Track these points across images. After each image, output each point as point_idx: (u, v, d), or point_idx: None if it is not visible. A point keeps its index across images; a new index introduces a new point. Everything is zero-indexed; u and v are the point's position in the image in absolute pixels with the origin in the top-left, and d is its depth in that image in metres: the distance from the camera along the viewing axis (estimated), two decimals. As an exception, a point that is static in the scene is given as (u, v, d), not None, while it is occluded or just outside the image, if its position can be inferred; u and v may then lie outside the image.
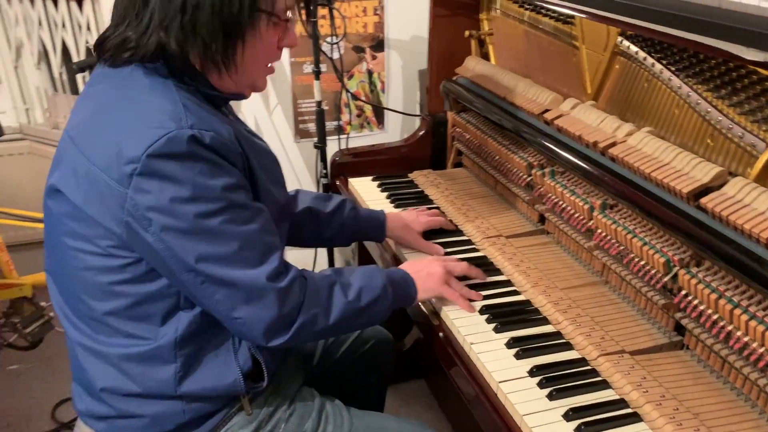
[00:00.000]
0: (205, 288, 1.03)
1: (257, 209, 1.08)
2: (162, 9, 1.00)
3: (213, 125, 1.02)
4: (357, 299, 1.17)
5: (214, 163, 1.01)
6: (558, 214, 1.50)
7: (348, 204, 1.50)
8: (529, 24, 1.71)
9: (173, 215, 0.98)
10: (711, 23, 0.85)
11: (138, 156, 0.96)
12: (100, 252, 1.05)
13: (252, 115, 2.32)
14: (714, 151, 1.20)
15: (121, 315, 1.08)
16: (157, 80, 1.04)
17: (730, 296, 1.05)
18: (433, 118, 2.04)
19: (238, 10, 1.01)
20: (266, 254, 1.06)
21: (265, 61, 1.13)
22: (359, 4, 2.28)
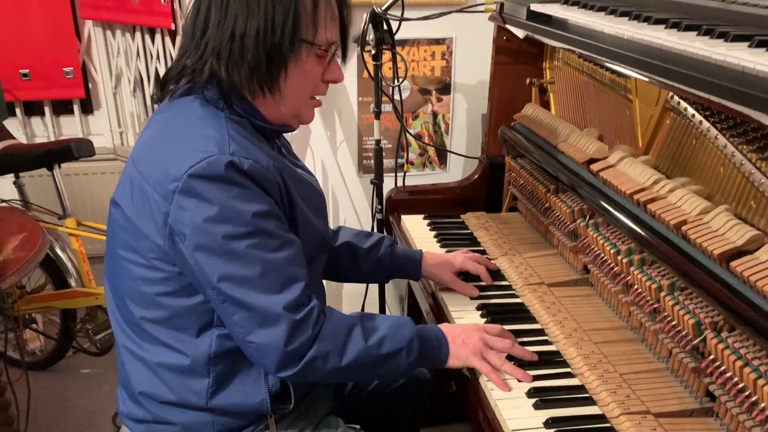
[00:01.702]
0: (225, 307, 1.09)
1: (287, 240, 1.12)
2: (215, 38, 1.12)
3: (254, 154, 1.10)
4: (377, 346, 1.17)
5: (249, 189, 1.08)
6: (599, 266, 1.49)
7: (386, 241, 1.54)
8: (588, 75, 1.72)
9: (204, 233, 1.06)
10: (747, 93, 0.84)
11: (180, 175, 1.05)
12: (146, 264, 1.14)
13: (319, 149, 2.42)
14: (757, 213, 1.16)
15: (159, 323, 1.17)
16: (211, 111, 1.14)
17: (757, 365, 1.01)
18: (490, 162, 2.07)
19: (280, 38, 1.11)
20: (287, 284, 1.10)
21: (309, 91, 1.20)
22: (428, 49, 2.35)
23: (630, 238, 1.37)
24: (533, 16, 1.52)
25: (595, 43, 1.23)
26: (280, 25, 1.10)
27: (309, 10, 1.13)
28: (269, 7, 1.10)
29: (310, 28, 1.13)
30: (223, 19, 1.11)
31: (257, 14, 1.10)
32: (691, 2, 1.24)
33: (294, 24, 1.11)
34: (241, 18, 1.10)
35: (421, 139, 2.45)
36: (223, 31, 1.11)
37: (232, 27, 1.10)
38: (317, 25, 1.14)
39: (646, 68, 1.07)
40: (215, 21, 1.12)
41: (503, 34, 1.88)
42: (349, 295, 2.57)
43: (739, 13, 1.11)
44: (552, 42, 1.55)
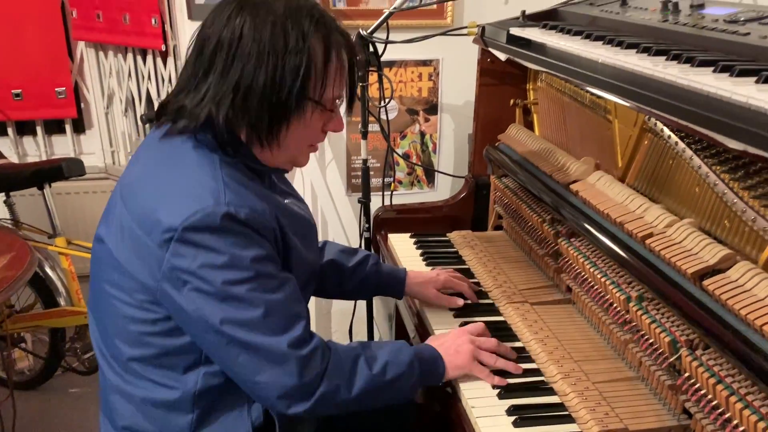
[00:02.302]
0: (229, 349, 1.08)
1: (285, 279, 1.13)
2: (218, 84, 1.08)
3: (249, 202, 1.08)
4: (382, 373, 1.18)
5: (246, 236, 1.07)
6: (579, 284, 1.50)
7: (371, 259, 1.56)
8: (570, 96, 1.75)
9: (204, 280, 1.05)
10: (702, 115, 0.87)
11: (176, 226, 1.04)
12: (135, 304, 1.13)
13: (308, 169, 2.44)
14: (730, 232, 1.19)
15: (146, 362, 1.16)
16: (204, 154, 1.11)
17: (729, 383, 1.02)
18: (475, 181, 2.09)
19: (286, 96, 1.08)
20: (291, 322, 1.11)
21: (308, 142, 1.20)
22: (415, 70, 2.39)
23: (607, 257, 1.39)
24: (513, 39, 1.55)
25: (571, 67, 1.26)
26: (288, 83, 1.07)
27: (320, 68, 1.10)
28: (279, 61, 1.06)
29: (318, 86, 1.10)
30: (229, 66, 1.07)
31: (265, 69, 1.06)
32: (664, 27, 1.28)
33: (303, 83, 1.08)
34: (249, 69, 1.06)
35: (410, 158, 2.48)
36: (227, 80, 1.07)
37: (238, 77, 1.07)
38: (326, 82, 1.11)
39: (619, 92, 1.10)
40: (220, 66, 1.08)
41: (487, 56, 1.92)
42: (338, 314, 2.58)
43: (706, 38, 1.14)
44: (531, 65, 1.58)
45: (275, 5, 1.08)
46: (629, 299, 1.29)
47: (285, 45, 1.06)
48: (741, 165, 1.15)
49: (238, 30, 1.07)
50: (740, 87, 0.84)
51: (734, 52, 1.05)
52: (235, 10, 1.09)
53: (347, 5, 2.29)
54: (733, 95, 0.81)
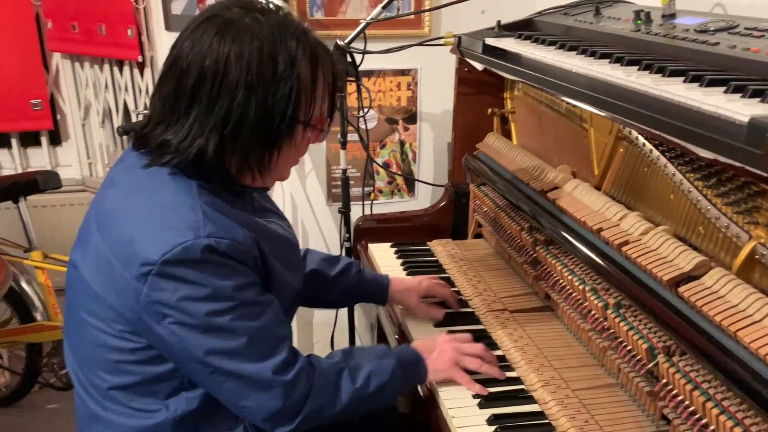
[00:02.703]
0: (214, 378, 1.08)
1: (267, 302, 1.13)
2: (205, 118, 1.03)
3: (230, 233, 1.06)
4: (365, 385, 1.19)
5: (227, 266, 1.05)
6: (558, 292, 1.51)
7: (354, 267, 1.56)
8: (546, 105, 1.76)
9: (185, 312, 1.04)
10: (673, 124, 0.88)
11: (154, 261, 1.01)
12: (113, 334, 1.10)
13: (288, 179, 2.43)
14: (705, 239, 1.20)
15: (127, 390, 1.14)
16: (181, 182, 1.07)
17: (705, 388, 1.03)
18: (455, 189, 2.10)
19: (278, 124, 1.05)
20: (275, 347, 1.11)
21: (296, 160, 1.19)
22: (394, 79, 2.40)
23: (585, 264, 1.40)
24: (489, 50, 1.56)
25: (547, 78, 1.28)
26: (280, 111, 1.04)
27: (308, 90, 1.08)
28: (270, 90, 1.03)
29: (308, 107, 1.09)
30: (216, 97, 1.02)
31: (256, 98, 1.02)
32: (637, 37, 1.29)
33: (294, 108, 1.05)
34: (238, 101, 1.02)
35: (390, 167, 2.48)
36: (213, 113, 1.03)
37: (227, 110, 1.02)
38: (314, 103, 1.10)
39: (593, 102, 1.11)
40: (205, 99, 1.03)
41: (464, 66, 1.93)
42: (320, 324, 2.57)
43: (678, 48, 1.16)
44: (508, 75, 1.60)
45: (260, 29, 1.03)
46: (607, 306, 1.30)
47: (274, 72, 1.03)
48: (714, 173, 1.17)
49: (222, 59, 1.01)
50: (709, 97, 0.86)
51: (704, 62, 1.07)
52: (217, 36, 1.03)
53: (325, 15, 2.29)
54: (703, 105, 0.82)
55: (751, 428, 0.95)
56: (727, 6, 1.43)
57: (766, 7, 1.33)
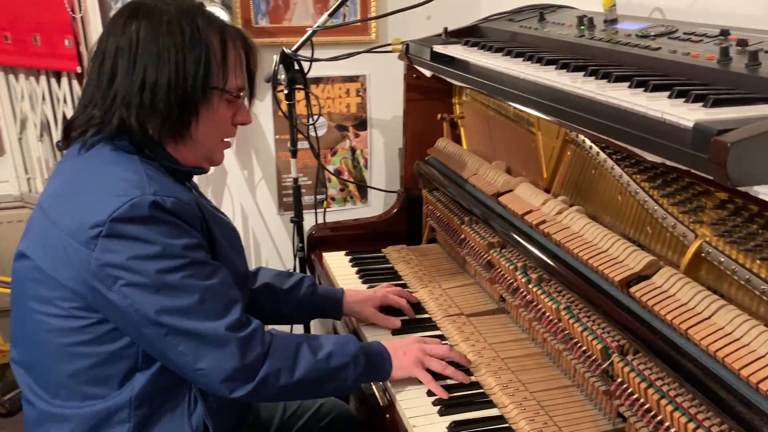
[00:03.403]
0: (168, 340, 1.08)
1: (217, 266, 1.15)
2: (124, 88, 1.11)
3: (174, 192, 1.11)
4: (326, 360, 1.20)
5: (175, 225, 1.09)
6: (512, 294, 1.53)
7: (307, 281, 1.54)
8: (494, 110, 1.78)
9: (136, 272, 1.05)
10: (618, 128, 0.90)
11: (103, 220, 1.04)
12: (63, 314, 1.11)
13: (237, 189, 2.39)
14: (653, 239, 1.23)
15: (81, 377, 1.13)
16: (123, 155, 1.13)
17: (659, 386, 1.06)
18: (408, 195, 2.10)
19: (192, 87, 1.12)
20: (228, 306, 1.12)
21: (220, 135, 1.23)
22: (342, 86, 2.38)
23: (538, 266, 1.42)
24: (437, 57, 1.57)
25: (495, 85, 1.29)
26: (192, 74, 1.11)
27: (219, 58, 1.15)
28: (180, 56, 1.11)
29: (220, 75, 1.15)
30: (132, 68, 1.10)
31: (168, 64, 1.10)
32: (581, 42, 1.31)
33: (205, 72, 1.12)
34: (152, 68, 1.10)
35: (341, 174, 2.47)
36: (132, 81, 1.10)
37: (142, 77, 1.10)
38: (227, 72, 1.16)
39: (541, 108, 1.12)
40: (123, 70, 1.11)
41: (412, 72, 1.93)
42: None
43: (621, 53, 1.19)
44: (457, 82, 1.60)
45: (167, 8, 1.13)
46: (560, 307, 1.32)
47: (183, 39, 1.11)
48: (659, 174, 1.20)
49: (135, 34, 1.11)
50: (654, 102, 0.87)
51: (647, 67, 1.10)
52: (129, 18, 1.13)
53: (270, 23, 2.27)
54: (649, 110, 0.84)
55: (704, 423, 0.97)
56: (665, 11, 1.48)
57: (702, 12, 1.38)
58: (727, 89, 0.90)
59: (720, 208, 1.05)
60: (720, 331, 0.95)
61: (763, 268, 0.98)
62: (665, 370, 1.05)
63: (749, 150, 0.69)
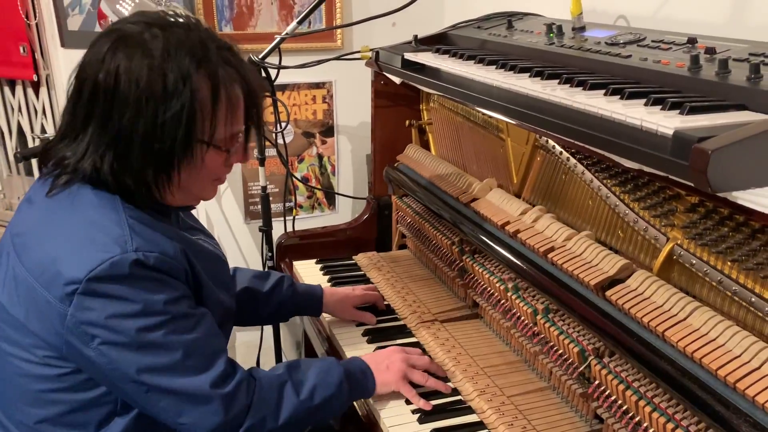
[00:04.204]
0: (149, 396, 1.04)
1: (200, 315, 1.09)
2: (98, 136, 1.02)
3: (158, 246, 1.03)
4: (310, 398, 1.17)
5: (157, 280, 1.02)
6: (486, 299, 1.54)
7: (286, 281, 1.54)
8: (463, 116, 1.79)
9: (115, 331, 1.00)
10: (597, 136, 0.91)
11: (80, 278, 0.97)
12: (36, 361, 1.05)
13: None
14: (624, 242, 1.25)
15: (56, 422, 1.07)
16: (105, 197, 1.04)
17: (636, 387, 1.08)
18: (377, 202, 2.10)
19: (170, 143, 1.01)
20: (211, 360, 1.08)
21: (210, 179, 1.13)
22: (309, 93, 2.37)
23: (513, 273, 1.43)
24: (408, 64, 1.57)
25: (469, 93, 1.29)
26: (171, 130, 1.00)
27: (207, 108, 1.02)
28: (159, 107, 0.99)
29: (207, 127, 1.03)
30: (108, 114, 1.00)
31: (145, 115, 0.99)
32: (552, 50, 1.33)
33: (188, 127, 1.01)
34: (127, 118, 0.99)
35: (309, 181, 2.45)
36: (106, 131, 1.01)
37: (117, 128, 1.00)
38: (215, 122, 1.04)
39: (514, 115, 1.13)
40: (99, 115, 1.01)
41: (380, 79, 1.93)
42: (243, 346, 2.50)
43: (593, 60, 1.21)
44: (427, 89, 1.61)
45: (152, 45, 1.00)
46: (536, 312, 1.33)
47: (164, 89, 0.99)
48: (630, 179, 1.22)
49: (113, 73, 1.00)
50: (631, 109, 0.89)
51: (619, 74, 1.12)
52: (110, 49, 1.01)
53: (234, 30, 2.24)
54: (628, 118, 0.86)
55: (681, 422, 0.99)
56: (629, 18, 1.51)
57: (665, 20, 1.42)
58: (699, 97, 0.93)
59: (691, 212, 1.08)
60: (696, 333, 0.98)
61: (734, 269, 1.00)
62: (643, 372, 1.06)
63: (729, 157, 0.71)
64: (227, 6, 2.20)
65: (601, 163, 1.29)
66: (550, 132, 1.03)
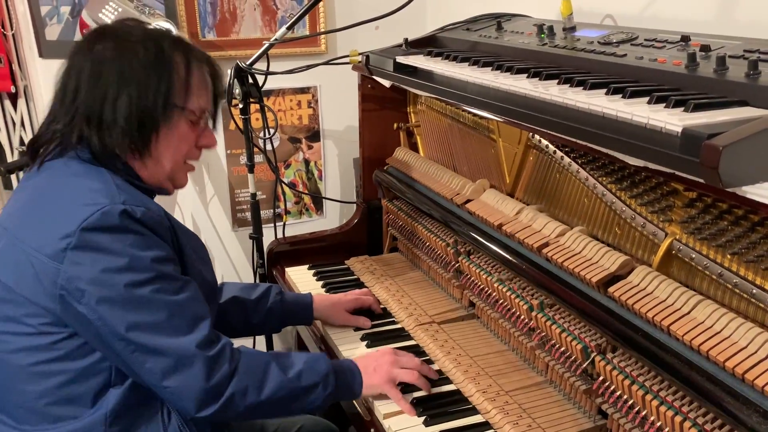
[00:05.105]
0: (135, 357, 1.07)
1: (186, 280, 1.14)
2: (86, 103, 1.12)
3: (144, 202, 1.10)
4: (296, 379, 1.19)
5: (145, 236, 1.08)
6: (484, 300, 1.54)
7: (274, 289, 1.55)
8: (451, 118, 1.80)
9: (105, 285, 1.04)
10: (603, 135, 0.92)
11: (73, 231, 1.03)
12: (31, 331, 1.08)
13: (189, 206, 2.33)
14: (622, 239, 1.27)
15: (52, 396, 1.10)
16: (91, 167, 1.13)
17: (642, 382, 1.09)
18: (367, 205, 2.09)
19: (152, 103, 1.13)
20: (196, 322, 1.11)
21: (182, 155, 1.22)
22: (294, 98, 2.36)
23: (512, 272, 1.44)
24: (400, 67, 1.57)
25: (462, 93, 1.30)
26: (153, 91, 1.13)
27: (182, 77, 1.16)
28: (142, 73, 1.12)
29: (182, 94, 1.16)
30: (95, 85, 1.12)
31: (130, 81, 1.12)
32: (545, 50, 1.34)
33: (167, 89, 1.14)
34: (114, 84, 1.11)
35: (296, 187, 2.44)
36: (94, 97, 1.12)
37: (104, 92, 1.11)
38: (190, 91, 1.17)
39: (512, 116, 1.14)
40: (87, 87, 1.12)
41: (367, 83, 1.93)
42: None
43: (589, 60, 1.22)
44: (421, 92, 1.61)
45: (133, 30, 1.17)
46: (531, 308, 1.34)
47: (147, 58, 1.13)
48: (626, 176, 1.23)
49: (100, 54, 1.13)
50: (635, 108, 0.90)
51: (616, 73, 1.13)
52: (95, 39, 1.16)
53: (217, 36, 2.22)
54: (634, 116, 0.87)
55: (689, 415, 1.01)
56: (616, 17, 1.53)
57: (652, 18, 1.44)
58: (700, 94, 0.94)
59: (689, 207, 1.09)
60: (701, 326, 0.99)
61: (734, 262, 1.02)
62: (649, 367, 1.08)
63: (739, 152, 0.72)
64: (210, 12, 2.19)
65: (596, 161, 1.31)
66: (553, 132, 1.04)
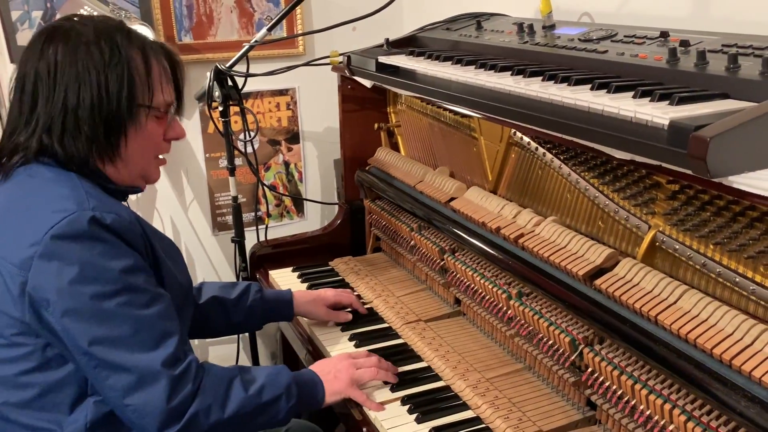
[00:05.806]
0: (98, 372, 1.05)
1: (157, 294, 1.11)
2: (45, 113, 1.09)
3: (114, 208, 1.08)
4: (258, 395, 1.18)
5: (114, 245, 1.05)
6: (471, 297, 1.56)
7: (254, 287, 1.54)
8: (432, 117, 1.81)
9: (71, 296, 1.01)
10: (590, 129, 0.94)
11: (39, 238, 1.00)
12: (5, 342, 1.07)
13: (167, 211, 2.31)
14: (605, 232, 1.29)
15: (27, 407, 1.08)
16: (61, 172, 1.10)
17: (631, 372, 1.11)
18: (350, 206, 2.09)
19: (116, 106, 1.10)
20: (163, 338, 1.08)
21: (152, 152, 1.21)
22: (272, 100, 2.35)
23: (498, 268, 1.45)
24: (382, 67, 1.58)
25: (446, 92, 1.31)
26: (116, 94, 1.10)
27: (142, 75, 1.13)
28: (101, 76, 1.09)
29: (146, 92, 1.14)
30: (52, 93, 1.08)
31: (88, 85, 1.08)
32: (527, 48, 1.36)
33: (129, 90, 1.11)
34: (72, 91, 1.08)
35: (276, 189, 2.43)
36: (53, 105, 1.08)
37: (63, 100, 1.08)
38: (153, 88, 1.15)
39: (501, 113, 1.15)
40: (44, 95, 1.09)
41: (347, 83, 1.93)
42: (218, 359, 2.45)
43: (570, 57, 1.24)
44: (405, 92, 1.62)
45: (83, 30, 1.12)
46: (510, 297, 1.36)
47: (102, 59, 1.10)
48: (609, 170, 1.26)
49: (52, 58, 1.09)
50: (621, 102, 0.92)
51: (598, 69, 1.15)
52: (46, 42, 1.11)
53: (194, 39, 2.21)
54: (621, 111, 0.88)
55: (677, 402, 1.03)
56: (593, 15, 1.55)
57: (629, 15, 1.46)
58: (683, 88, 0.96)
59: (672, 199, 1.12)
60: (687, 315, 1.01)
61: (717, 252, 1.05)
62: (637, 357, 1.10)
63: (725, 143, 0.74)
64: (186, 15, 2.17)
65: (578, 156, 1.33)
66: (540, 128, 1.05)
